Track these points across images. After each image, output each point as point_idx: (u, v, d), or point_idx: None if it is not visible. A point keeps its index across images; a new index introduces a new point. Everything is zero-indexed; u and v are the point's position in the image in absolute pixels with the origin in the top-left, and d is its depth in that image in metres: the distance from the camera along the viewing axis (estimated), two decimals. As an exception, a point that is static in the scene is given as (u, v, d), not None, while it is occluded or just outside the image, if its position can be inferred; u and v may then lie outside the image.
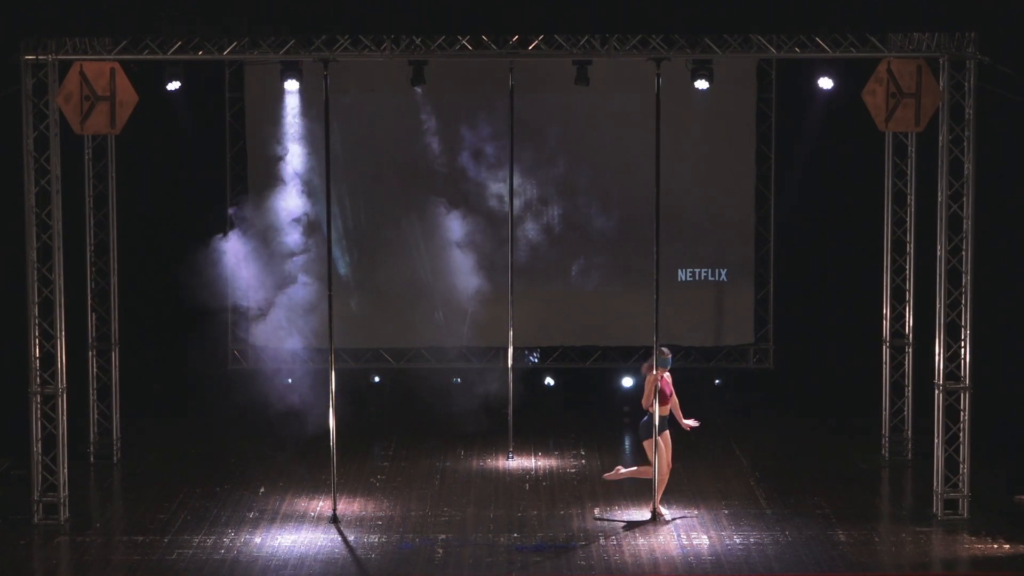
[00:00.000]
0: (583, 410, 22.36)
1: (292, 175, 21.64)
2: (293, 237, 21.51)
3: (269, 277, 21.34)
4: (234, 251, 21.15)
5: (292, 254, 21.47)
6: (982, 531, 16.57)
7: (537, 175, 21.95)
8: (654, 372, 16.86)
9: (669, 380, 17.08)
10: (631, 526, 16.81)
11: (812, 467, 19.28)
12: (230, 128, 22.22)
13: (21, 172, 16.72)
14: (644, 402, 16.96)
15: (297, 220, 21.56)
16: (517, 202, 20.46)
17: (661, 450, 16.95)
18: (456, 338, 22.18)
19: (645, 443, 17.01)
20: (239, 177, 21.98)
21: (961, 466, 17.01)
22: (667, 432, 17.09)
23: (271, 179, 21.66)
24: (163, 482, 18.55)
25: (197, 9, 19.06)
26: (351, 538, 16.47)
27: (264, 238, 21.47)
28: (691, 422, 17.33)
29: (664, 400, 16.91)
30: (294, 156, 21.67)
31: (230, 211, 21.56)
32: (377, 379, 22.66)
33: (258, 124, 22.01)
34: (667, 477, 17.14)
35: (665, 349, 17.03)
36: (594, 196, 22.08)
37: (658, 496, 17.03)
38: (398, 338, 22.40)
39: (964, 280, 16.89)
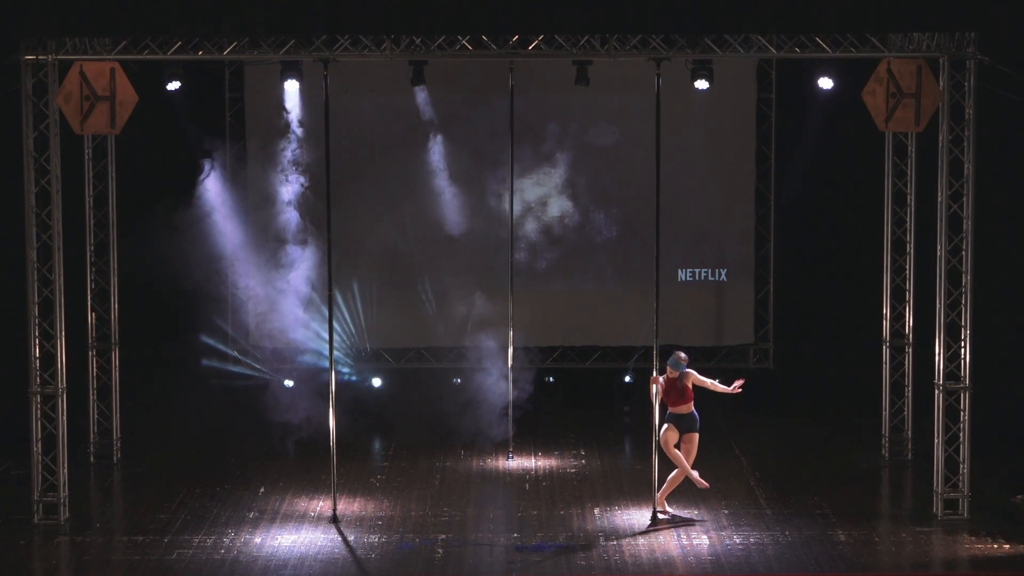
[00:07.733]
0: (583, 410, 22.35)
1: (292, 175, 21.62)
2: (293, 236, 21.49)
3: (269, 275, 21.32)
4: (233, 247, 21.15)
5: (291, 245, 21.47)
6: (982, 531, 16.57)
7: (537, 175, 21.93)
8: (654, 374, 16.94)
9: (693, 376, 17.07)
10: (631, 527, 16.83)
11: (812, 467, 19.28)
12: (230, 128, 22.20)
13: (21, 172, 16.72)
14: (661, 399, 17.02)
15: (297, 219, 21.56)
16: (517, 202, 20.44)
17: (677, 449, 16.92)
18: (456, 338, 22.16)
19: (686, 434, 16.99)
20: (239, 177, 21.95)
21: (961, 466, 17.01)
22: (695, 434, 17.05)
23: (271, 178, 21.64)
24: (163, 482, 18.54)
25: (197, 9, 19.06)
26: (351, 538, 16.47)
27: (263, 235, 21.47)
28: (738, 384, 17.24)
29: (684, 399, 16.90)
30: (294, 156, 21.65)
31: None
32: (378, 381, 22.62)
33: (258, 124, 21.98)
34: (680, 479, 17.11)
35: (682, 354, 17.01)
36: (594, 196, 22.06)
37: (665, 493, 17.05)
38: (398, 338, 22.38)
39: (964, 280, 16.88)
